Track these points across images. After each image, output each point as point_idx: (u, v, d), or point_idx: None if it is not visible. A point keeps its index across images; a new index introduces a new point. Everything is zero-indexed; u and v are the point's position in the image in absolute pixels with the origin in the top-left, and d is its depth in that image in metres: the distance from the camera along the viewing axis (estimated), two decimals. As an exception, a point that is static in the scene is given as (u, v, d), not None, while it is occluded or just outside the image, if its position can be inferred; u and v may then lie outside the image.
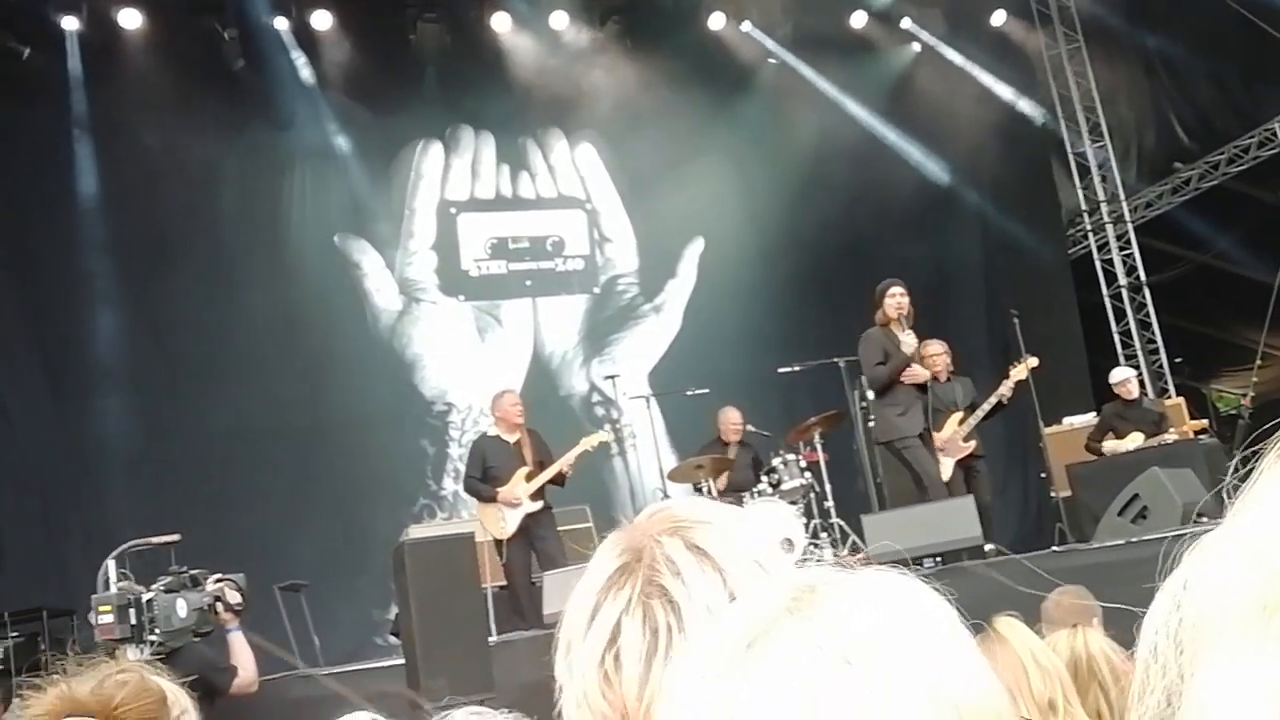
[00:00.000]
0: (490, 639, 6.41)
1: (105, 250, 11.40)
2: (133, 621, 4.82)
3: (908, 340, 8.90)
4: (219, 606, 5.26)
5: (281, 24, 12.26)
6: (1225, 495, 0.64)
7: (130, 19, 11.57)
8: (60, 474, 10.90)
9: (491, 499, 8.81)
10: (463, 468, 10.40)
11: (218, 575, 5.36)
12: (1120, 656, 2.73)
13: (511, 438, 9.06)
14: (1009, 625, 2.94)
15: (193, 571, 5.25)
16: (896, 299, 8.94)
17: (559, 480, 8.99)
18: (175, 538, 5.69)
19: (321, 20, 12.23)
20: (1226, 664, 0.54)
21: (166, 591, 5.04)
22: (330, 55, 12.40)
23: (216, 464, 11.28)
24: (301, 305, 12.08)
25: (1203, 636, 0.56)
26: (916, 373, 8.91)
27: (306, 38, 12.33)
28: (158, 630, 4.88)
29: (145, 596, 4.92)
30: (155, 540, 5.60)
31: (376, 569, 9.52)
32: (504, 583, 8.87)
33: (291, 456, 11.63)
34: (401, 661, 6.44)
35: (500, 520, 8.75)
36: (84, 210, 11.39)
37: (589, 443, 9.25)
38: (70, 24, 11.53)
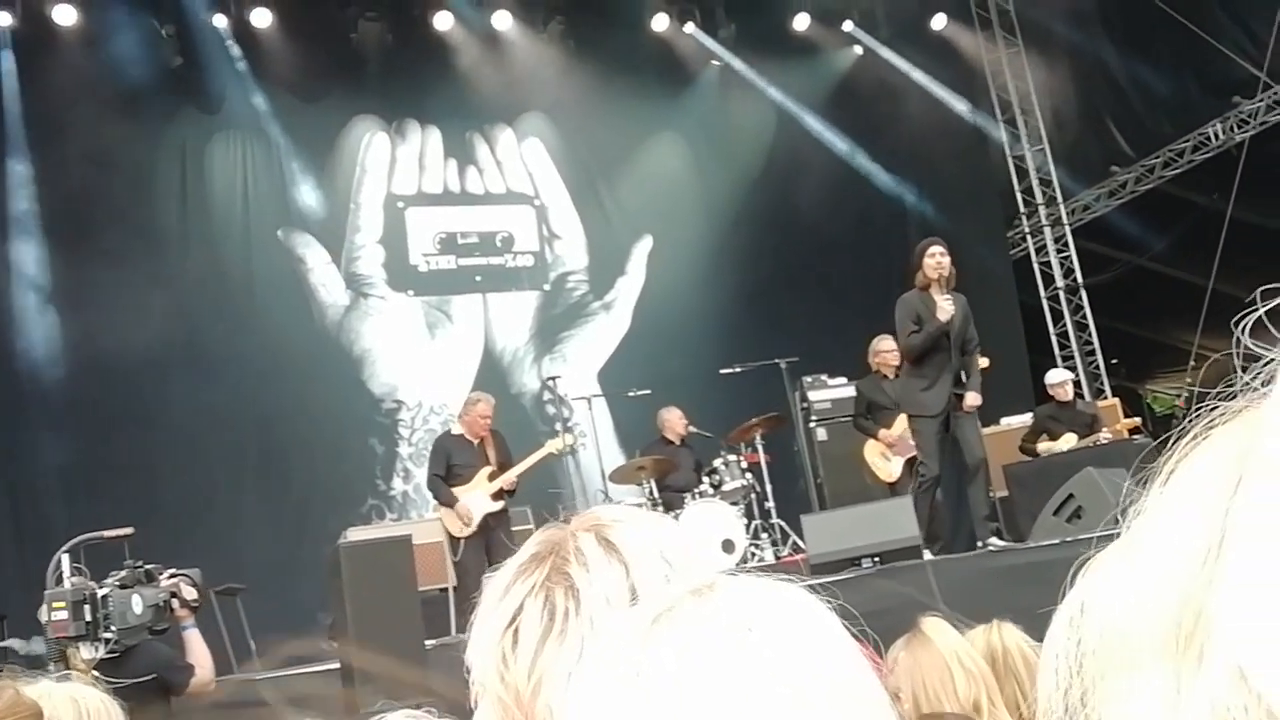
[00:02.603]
0: (428, 642, 6.36)
1: (40, 249, 11.22)
2: (87, 618, 4.68)
3: (945, 305, 8.13)
4: (174, 603, 5.16)
5: (220, 21, 12.15)
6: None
7: (65, 15, 11.39)
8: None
9: (449, 504, 8.83)
10: (412, 467, 10.36)
11: (172, 570, 5.26)
12: (1036, 650, 2.76)
13: (475, 438, 9.10)
14: (935, 626, 2.96)
15: (147, 567, 5.13)
16: (936, 259, 8.19)
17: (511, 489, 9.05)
18: (128, 531, 5.56)
19: (261, 18, 12.11)
20: (1139, 696, 0.51)
21: (121, 587, 4.90)
22: (270, 53, 12.28)
23: (157, 465, 11.09)
24: (245, 301, 11.94)
25: (1107, 664, 0.53)
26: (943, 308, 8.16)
27: (246, 35, 12.21)
28: (113, 627, 4.75)
29: (100, 592, 4.80)
30: (108, 534, 5.46)
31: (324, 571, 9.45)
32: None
33: (235, 457, 11.49)
34: (338, 665, 6.38)
35: (468, 523, 8.76)
36: (16, 211, 11.21)
37: (553, 447, 9.29)
38: (2, 19, 11.36)
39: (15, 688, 2.10)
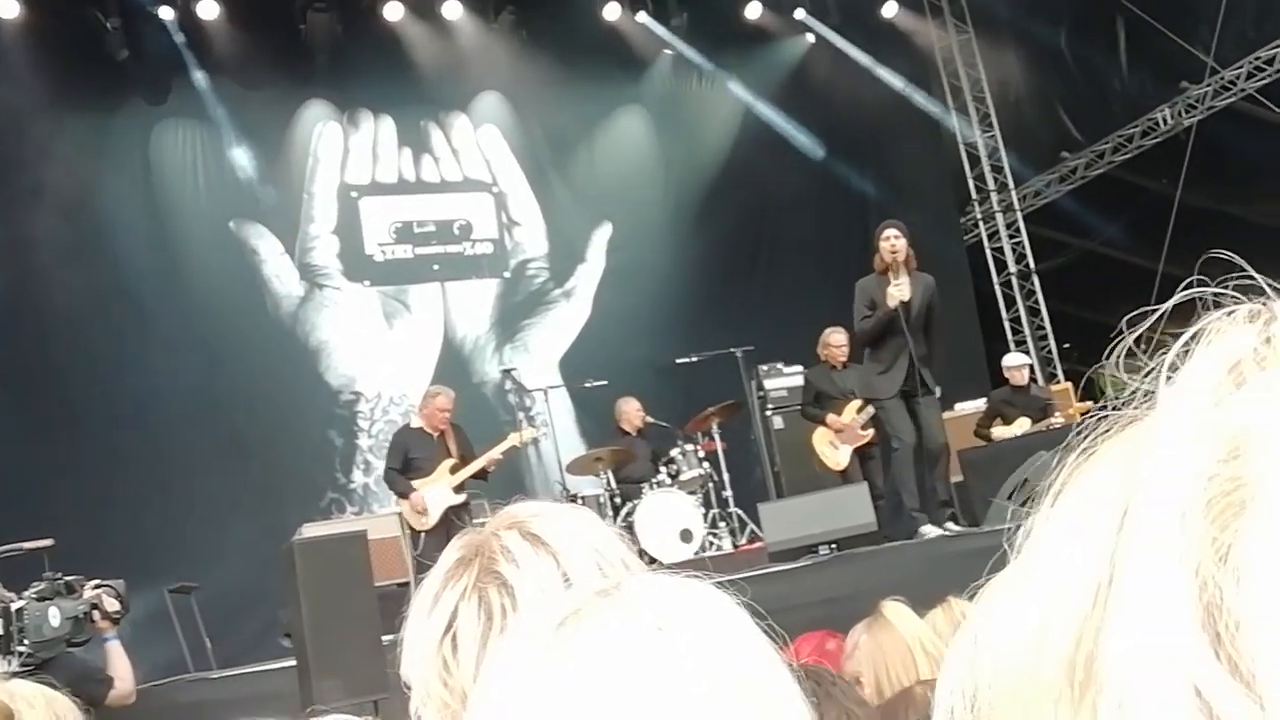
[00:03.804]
0: (386, 638, 6.32)
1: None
2: (0, 632, 4.64)
3: (894, 291, 8.13)
4: (95, 614, 5.10)
5: (167, 14, 12.00)
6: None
7: (7, 8, 11.23)
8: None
9: (405, 495, 8.80)
10: (372, 460, 10.27)
11: (96, 581, 5.20)
12: None
13: (435, 431, 9.07)
14: (895, 610, 2.97)
15: (68, 578, 5.07)
16: (891, 242, 8.22)
17: (482, 474, 9.01)
18: (48, 542, 5.51)
19: (208, 10, 11.97)
20: None
21: (39, 599, 4.85)
22: (218, 44, 12.16)
23: (110, 462, 10.96)
24: (196, 294, 11.82)
25: (1001, 702, 0.51)
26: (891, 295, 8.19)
27: (192, 27, 12.08)
28: (27, 640, 4.70)
29: (15, 605, 4.74)
30: (27, 545, 5.42)
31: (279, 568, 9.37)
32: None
33: (191, 452, 11.34)
34: (294, 663, 6.33)
35: (421, 513, 8.72)
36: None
37: (517, 439, 9.27)
38: (-56, 13, 11.18)
39: None
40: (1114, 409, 0.53)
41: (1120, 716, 0.45)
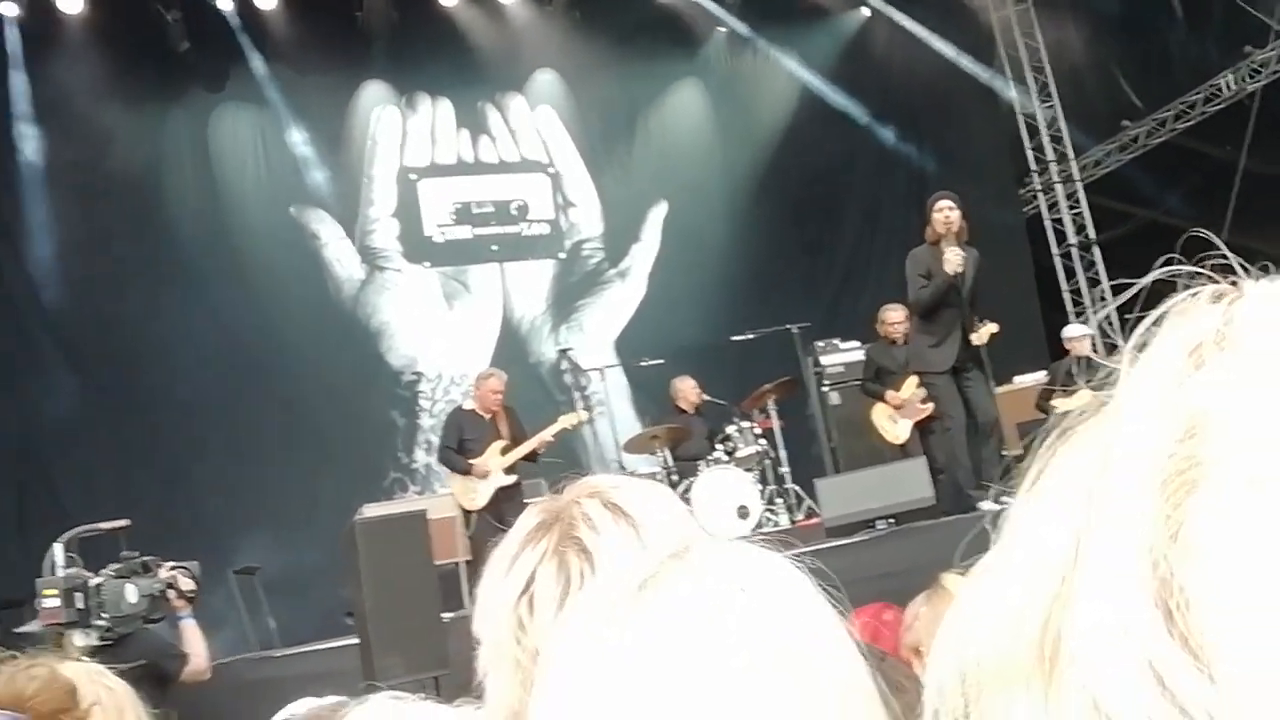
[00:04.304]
0: (445, 615, 6.44)
1: (49, 233, 11.33)
2: (79, 605, 4.79)
3: (952, 257, 8.06)
4: (171, 593, 5.25)
5: (226, 4, 12.17)
6: None
7: (70, 4, 11.43)
8: (4, 459, 10.79)
9: (466, 471, 8.87)
10: (434, 439, 10.39)
11: (171, 563, 5.36)
12: None
13: (487, 413, 9.13)
14: (956, 582, 2.98)
15: (145, 558, 5.23)
16: (944, 213, 8.15)
17: (532, 456, 9.08)
18: (125, 523, 5.66)
19: (266, 0, 12.14)
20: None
21: (116, 577, 5.01)
22: (276, 33, 12.31)
23: (176, 445, 11.20)
24: (260, 279, 11.99)
25: (983, 682, 0.52)
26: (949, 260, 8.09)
27: (251, 18, 12.25)
28: (105, 615, 4.86)
29: (93, 581, 4.90)
30: (104, 526, 5.57)
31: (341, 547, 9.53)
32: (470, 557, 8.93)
33: (257, 433, 11.56)
34: (356, 641, 6.47)
35: (472, 492, 8.81)
36: (29, 194, 11.31)
37: (567, 421, 9.32)
38: (9, 9, 11.41)
39: (51, 665, 2.16)
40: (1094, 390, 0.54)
41: (1082, 693, 0.46)
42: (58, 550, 4.99)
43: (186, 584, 5.30)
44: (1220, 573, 0.44)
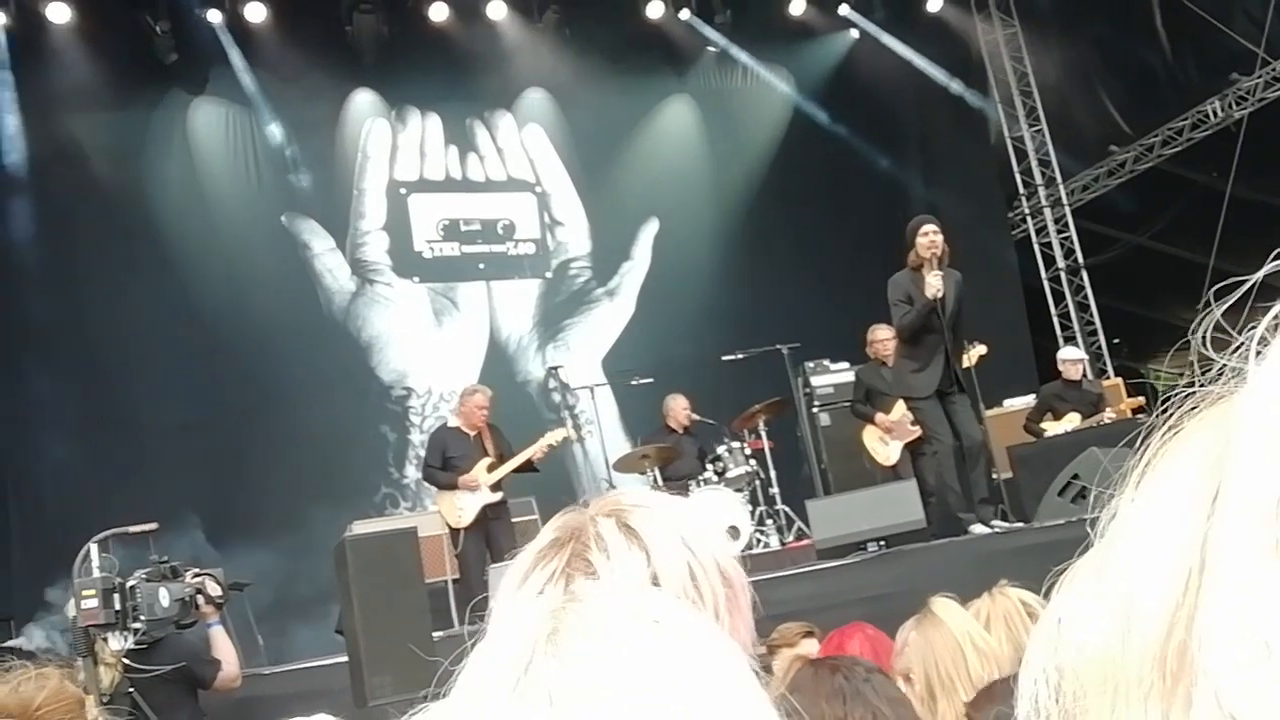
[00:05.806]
0: (435, 634, 6.37)
1: (38, 242, 11.22)
2: (116, 607, 4.72)
3: (932, 280, 7.96)
4: (199, 600, 5.20)
5: (215, 17, 12.13)
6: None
7: (59, 13, 11.36)
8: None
9: (451, 486, 8.81)
10: (424, 455, 10.33)
11: (196, 570, 5.32)
12: (1041, 605, 2.73)
13: (472, 431, 9.08)
14: (945, 607, 2.94)
15: (172, 563, 5.18)
16: (929, 238, 8.05)
17: (525, 468, 9.04)
18: (153, 526, 5.60)
19: (255, 13, 12.09)
20: None
21: (149, 580, 4.96)
22: (265, 46, 12.28)
23: (162, 457, 11.06)
24: (250, 290, 11.90)
25: (1087, 689, 0.49)
26: (929, 284, 8.01)
27: (240, 30, 12.21)
28: (141, 618, 4.79)
29: (129, 583, 4.84)
30: (134, 529, 5.51)
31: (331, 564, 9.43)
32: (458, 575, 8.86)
33: (245, 446, 11.45)
34: (346, 659, 6.39)
35: (458, 509, 8.75)
36: (17, 206, 11.21)
37: (553, 438, 9.24)
38: (-4, 17, 11.36)
39: (60, 676, 2.13)
40: (1200, 385, 0.50)
41: (1217, 710, 0.43)
42: (93, 549, 4.91)
43: (214, 589, 5.27)
44: None
